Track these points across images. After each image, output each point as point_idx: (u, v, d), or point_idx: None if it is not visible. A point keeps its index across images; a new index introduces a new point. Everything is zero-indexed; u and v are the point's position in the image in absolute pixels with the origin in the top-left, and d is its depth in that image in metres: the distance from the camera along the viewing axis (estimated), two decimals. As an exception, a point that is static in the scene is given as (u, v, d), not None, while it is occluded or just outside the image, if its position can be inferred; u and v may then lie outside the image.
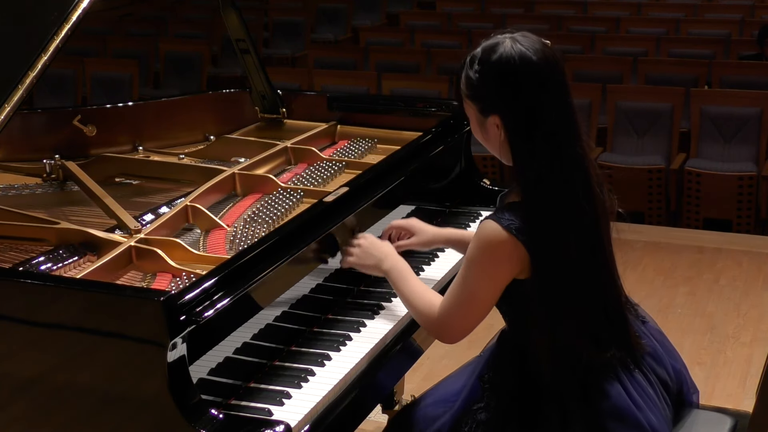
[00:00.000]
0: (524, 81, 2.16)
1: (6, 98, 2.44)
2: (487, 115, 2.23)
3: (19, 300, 2.13)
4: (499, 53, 2.17)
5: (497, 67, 2.17)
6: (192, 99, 3.74)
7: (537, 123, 2.17)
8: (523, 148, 2.20)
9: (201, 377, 2.11)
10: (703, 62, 8.02)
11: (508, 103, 2.18)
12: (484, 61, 2.20)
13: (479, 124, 2.27)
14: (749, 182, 6.49)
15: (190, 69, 9.17)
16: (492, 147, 2.29)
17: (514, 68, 2.16)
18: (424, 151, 3.15)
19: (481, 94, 2.22)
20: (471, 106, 2.27)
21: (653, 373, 2.36)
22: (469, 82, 2.24)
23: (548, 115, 2.17)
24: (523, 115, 2.18)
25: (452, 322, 2.32)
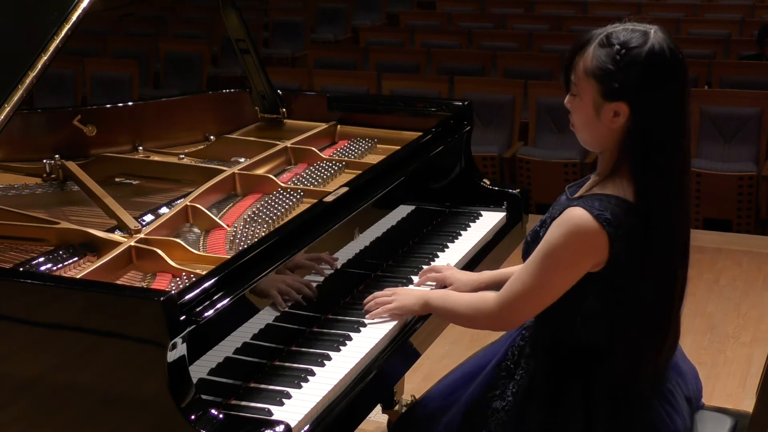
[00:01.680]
0: (670, 76, 2.14)
1: (6, 98, 2.44)
2: (612, 100, 2.14)
3: (19, 300, 2.13)
4: (651, 44, 2.14)
5: (647, 56, 2.12)
6: (192, 99, 3.74)
7: (662, 120, 2.14)
8: (639, 141, 2.14)
9: (201, 377, 2.11)
10: (703, 62, 8.01)
11: (646, 94, 2.13)
12: (631, 47, 2.14)
13: (595, 105, 2.17)
14: (749, 182, 6.49)
15: (190, 69, 9.17)
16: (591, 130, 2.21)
17: (664, 61, 2.13)
18: (424, 151, 3.15)
19: (618, 77, 2.13)
20: (592, 85, 2.16)
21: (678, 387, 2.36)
22: (601, 60, 2.14)
23: (674, 114, 2.15)
24: (653, 109, 2.13)
25: (519, 308, 2.27)
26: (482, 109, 7.12)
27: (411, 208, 3.08)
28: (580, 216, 2.14)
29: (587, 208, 2.15)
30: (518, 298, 2.26)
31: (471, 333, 4.63)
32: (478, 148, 3.37)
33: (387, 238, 2.91)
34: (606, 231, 2.13)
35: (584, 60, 2.18)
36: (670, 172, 2.16)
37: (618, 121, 2.16)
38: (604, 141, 2.21)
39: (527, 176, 6.84)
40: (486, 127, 7.15)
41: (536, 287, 2.23)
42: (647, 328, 2.23)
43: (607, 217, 2.13)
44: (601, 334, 2.24)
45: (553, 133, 7.13)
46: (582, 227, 2.14)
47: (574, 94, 2.22)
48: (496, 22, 10.31)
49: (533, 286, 2.23)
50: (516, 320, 2.34)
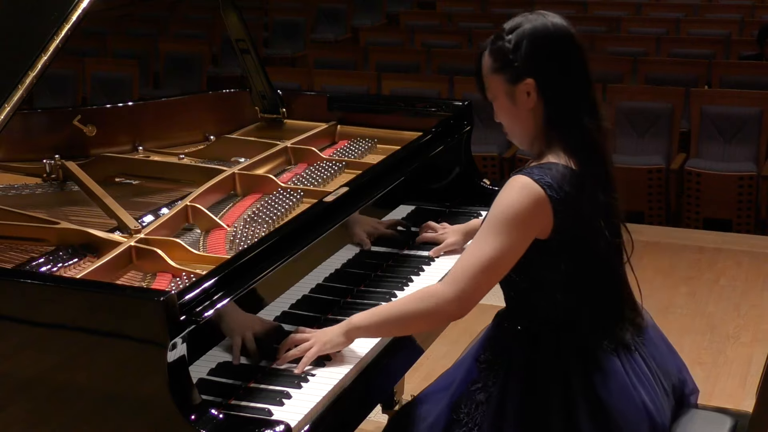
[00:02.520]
0: (559, 44, 2.29)
1: (6, 98, 2.44)
2: (519, 81, 2.27)
3: (19, 300, 2.13)
4: (533, 22, 2.29)
5: (533, 32, 2.28)
6: (192, 99, 3.74)
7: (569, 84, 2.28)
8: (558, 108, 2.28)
9: (201, 377, 2.11)
10: (703, 62, 8.02)
11: (543, 65, 2.27)
12: (518, 30, 2.28)
13: (507, 95, 2.30)
14: (749, 182, 6.49)
15: (190, 69, 9.16)
16: (515, 118, 2.33)
17: (549, 32, 2.28)
18: (424, 151, 3.15)
19: (514, 60, 2.27)
20: (498, 78, 2.31)
21: (653, 361, 2.40)
22: (499, 53, 2.29)
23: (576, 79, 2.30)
24: (557, 76, 2.27)
25: (476, 282, 2.24)
26: (482, 109, 7.08)
27: (411, 208, 3.08)
28: (522, 179, 2.23)
29: (527, 174, 2.23)
30: (474, 272, 2.23)
31: (470, 333, 4.62)
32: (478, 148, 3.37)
33: (387, 238, 2.91)
34: (548, 194, 2.20)
35: (485, 65, 2.33)
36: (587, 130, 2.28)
37: (532, 99, 2.28)
38: (531, 128, 2.32)
39: (527, 176, 6.83)
40: (486, 127, 7.12)
41: (489, 256, 2.23)
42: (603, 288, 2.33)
43: (548, 181, 2.21)
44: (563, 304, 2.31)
45: (553, 132, 7.12)
46: (525, 189, 2.22)
47: (492, 99, 2.35)
48: (496, 22, 10.20)
49: (486, 256, 2.23)
50: (474, 298, 2.26)
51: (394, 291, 2.70)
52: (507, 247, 2.23)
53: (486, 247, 2.23)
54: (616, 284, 2.37)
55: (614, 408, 2.27)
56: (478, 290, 2.26)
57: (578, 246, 2.27)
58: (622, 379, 2.30)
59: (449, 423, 2.42)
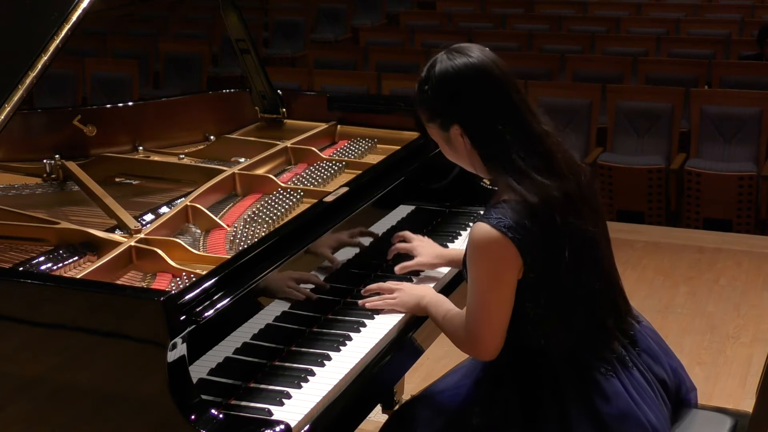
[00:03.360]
0: (464, 85, 2.26)
1: (6, 98, 2.44)
2: (448, 128, 2.30)
3: (19, 300, 2.13)
4: (437, 68, 2.29)
5: (439, 79, 2.28)
6: (192, 99, 3.74)
7: (490, 120, 2.25)
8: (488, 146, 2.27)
9: (201, 377, 2.11)
10: (703, 62, 8.02)
11: (459, 108, 2.27)
12: (427, 80, 2.30)
13: (445, 141, 2.34)
14: (749, 182, 6.49)
15: (190, 69, 9.17)
16: (463, 160, 2.35)
17: (451, 76, 2.27)
18: (424, 151, 3.15)
19: (435, 109, 2.31)
20: (432, 127, 2.35)
21: (650, 372, 2.38)
22: (422, 107, 2.34)
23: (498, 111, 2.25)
24: (475, 116, 2.27)
25: (481, 336, 2.29)
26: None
27: (411, 208, 3.08)
28: (481, 230, 2.21)
29: (485, 220, 2.21)
30: (475, 326, 2.29)
31: (471, 333, 4.64)
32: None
33: (387, 238, 2.91)
34: (509, 237, 2.18)
35: (421, 117, 2.37)
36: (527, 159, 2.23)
37: (466, 141, 2.29)
38: (477, 165, 2.32)
39: (527, 176, 6.82)
40: (486, 127, 7.15)
41: (481, 311, 2.27)
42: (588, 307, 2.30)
43: (507, 223, 2.18)
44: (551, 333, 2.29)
45: (552, 132, 7.12)
46: (487, 239, 2.20)
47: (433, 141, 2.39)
48: (496, 22, 10.30)
49: (478, 311, 2.27)
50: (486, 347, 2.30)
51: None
52: (496, 299, 2.25)
53: (475, 306, 2.28)
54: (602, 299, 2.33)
55: (617, 427, 2.25)
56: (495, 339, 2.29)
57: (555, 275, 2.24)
58: (625, 401, 2.27)
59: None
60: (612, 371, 2.29)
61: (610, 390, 2.27)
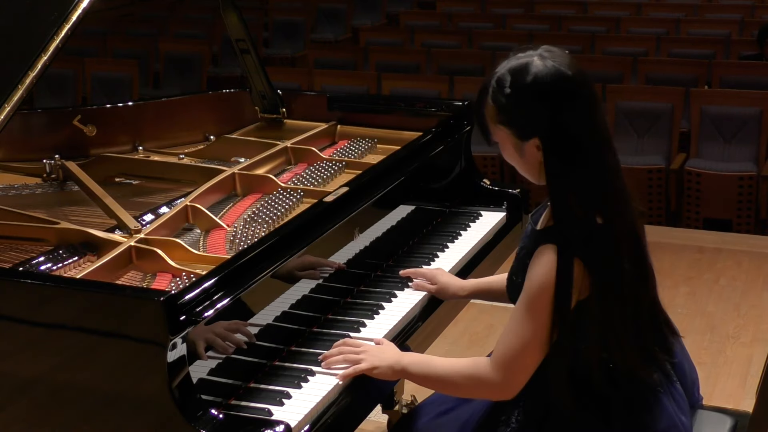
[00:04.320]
0: (561, 98, 2.10)
1: (6, 98, 2.45)
2: (527, 139, 2.13)
3: (19, 300, 2.13)
4: (533, 73, 2.10)
5: (533, 87, 2.10)
6: (192, 99, 3.74)
7: (576, 139, 2.11)
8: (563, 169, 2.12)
9: (201, 377, 2.11)
10: (703, 62, 8.02)
11: (548, 123, 2.10)
12: (517, 84, 2.11)
13: (515, 147, 2.17)
14: (749, 182, 6.49)
15: (190, 69, 9.17)
16: (528, 169, 2.20)
17: (550, 87, 2.09)
18: (424, 151, 3.15)
19: (518, 117, 2.13)
20: (504, 130, 2.16)
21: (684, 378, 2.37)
22: (501, 107, 2.14)
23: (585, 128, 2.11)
24: (563, 134, 2.10)
25: (521, 363, 2.16)
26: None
27: (411, 208, 3.08)
28: (549, 252, 2.11)
29: (552, 242, 2.11)
30: (517, 352, 2.16)
31: (470, 333, 4.63)
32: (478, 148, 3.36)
33: (387, 238, 2.91)
34: (578, 255, 2.09)
35: (487, 111, 2.17)
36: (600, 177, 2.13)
37: (541, 154, 2.13)
38: (540, 176, 2.18)
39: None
40: (486, 127, 7.15)
41: (531, 338, 2.14)
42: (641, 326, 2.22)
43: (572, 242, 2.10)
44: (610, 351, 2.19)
45: (552, 132, 7.12)
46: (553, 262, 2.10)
47: (498, 143, 2.21)
48: (496, 22, 10.30)
49: (528, 338, 2.14)
50: (521, 380, 2.18)
51: (395, 291, 2.70)
52: (547, 325, 2.14)
53: (526, 329, 2.13)
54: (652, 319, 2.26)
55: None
56: (525, 372, 2.18)
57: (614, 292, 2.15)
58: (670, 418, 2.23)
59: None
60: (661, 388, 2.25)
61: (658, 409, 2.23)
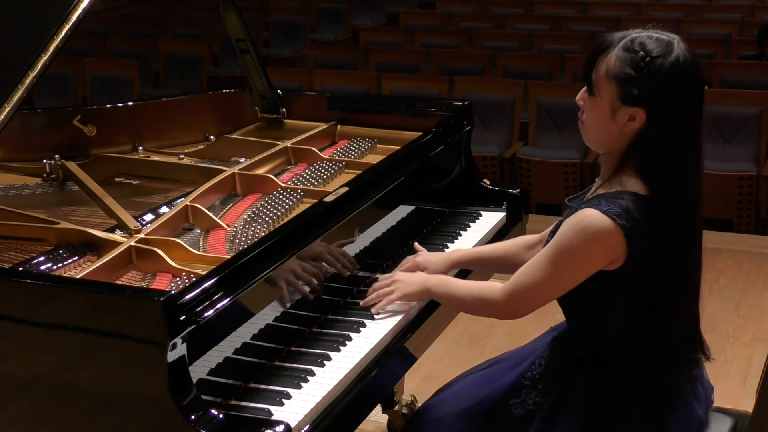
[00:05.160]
0: (690, 87, 2.17)
1: (6, 98, 2.44)
2: (630, 105, 2.16)
3: (19, 300, 2.13)
4: (675, 55, 2.15)
5: (671, 67, 2.14)
6: (192, 99, 3.74)
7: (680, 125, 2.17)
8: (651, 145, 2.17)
9: (201, 377, 2.11)
10: (703, 62, 7.97)
11: (665, 104, 2.15)
12: (655, 56, 2.14)
13: (611, 107, 2.18)
14: (749, 182, 6.49)
15: (190, 69, 9.17)
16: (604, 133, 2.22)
17: (687, 73, 2.16)
18: (424, 151, 3.15)
19: (639, 84, 2.15)
20: (612, 87, 2.17)
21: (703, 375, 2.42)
22: (628, 66, 2.15)
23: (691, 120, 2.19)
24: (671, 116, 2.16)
25: (528, 299, 2.30)
26: (482, 109, 7.12)
27: (411, 208, 3.08)
28: (591, 215, 2.16)
29: (596, 208, 2.16)
30: (528, 289, 2.29)
31: (470, 333, 4.63)
32: (478, 148, 3.37)
33: (387, 238, 2.91)
34: (619, 224, 2.13)
35: (607, 62, 2.18)
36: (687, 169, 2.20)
37: (632, 125, 2.18)
38: (614, 142, 2.22)
39: (527, 176, 6.84)
40: (486, 127, 7.15)
41: (546, 282, 2.25)
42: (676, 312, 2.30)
43: (617, 211, 2.14)
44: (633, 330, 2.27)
45: (553, 132, 7.13)
46: (593, 226, 2.15)
47: (593, 94, 2.22)
48: (496, 22, 10.30)
49: (543, 281, 2.25)
50: (523, 311, 2.34)
51: (394, 291, 2.69)
52: (562, 280, 2.24)
53: (543, 273, 2.25)
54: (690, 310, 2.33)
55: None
56: (528, 307, 2.33)
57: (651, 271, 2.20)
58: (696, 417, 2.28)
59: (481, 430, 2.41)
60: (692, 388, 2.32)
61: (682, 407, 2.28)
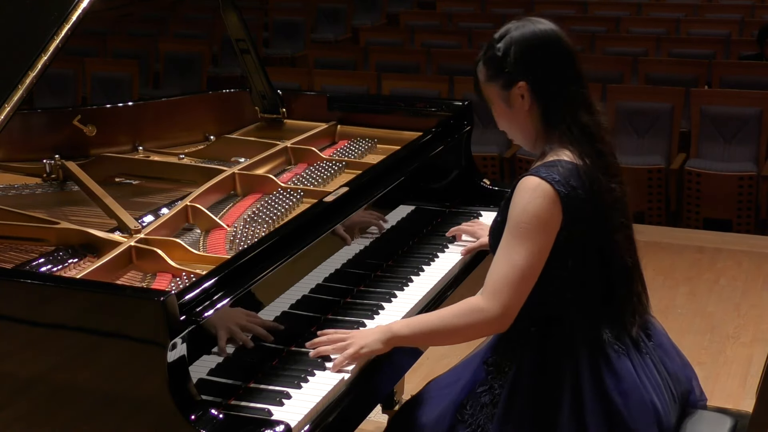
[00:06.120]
0: (547, 47, 2.34)
1: (6, 98, 2.44)
2: (512, 86, 2.33)
3: (19, 300, 2.13)
4: (521, 29, 2.35)
5: (521, 38, 2.34)
6: (192, 99, 3.74)
7: (560, 78, 2.33)
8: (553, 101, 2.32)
9: (201, 377, 2.11)
10: (703, 62, 8.01)
11: (531, 66, 2.32)
12: (506, 38, 2.35)
13: (503, 100, 2.36)
14: (749, 182, 6.49)
15: (190, 69, 9.16)
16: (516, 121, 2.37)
17: (536, 36, 2.34)
18: (424, 151, 3.15)
19: (503, 66, 2.33)
20: (492, 86, 2.37)
21: (663, 367, 2.41)
22: (491, 61, 2.36)
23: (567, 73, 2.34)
24: (547, 77, 2.32)
25: (514, 292, 2.26)
26: (482, 109, 7.09)
27: (411, 208, 3.08)
28: (531, 180, 2.26)
29: (534, 174, 2.26)
30: (512, 282, 2.26)
31: (471, 333, 4.63)
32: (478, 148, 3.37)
33: (387, 239, 2.91)
34: (556, 190, 2.23)
35: (480, 76, 2.40)
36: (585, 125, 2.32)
37: (527, 101, 2.33)
38: (530, 128, 2.37)
39: (527, 176, 6.82)
40: (486, 127, 7.13)
41: (522, 260, 2.26)
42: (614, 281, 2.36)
43: (555, 177, 2.24)
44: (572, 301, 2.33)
45: (553, 132, 7.12)
46: (537, 189, 2.25)
47: (491, 106, 2.42)
48: (496, 22, 10.24)
49: (520, 264, 2.26)
50: (517, 307, 2.28)
51: (394, 291, 2.70)
52: (536, 251, 2.26)
53: (516, 255, 2.26)
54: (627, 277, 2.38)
55: (624, 408, 2.28)
56: (520, 299, 2.29)
57: (587, 241, 2.30)
58: (632, 379, 2.31)
59: (453, 423, 2.42)
60: (625, 351, 2.33)
61: (621, 368, 2.31)
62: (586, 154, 2.29)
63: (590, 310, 2.34)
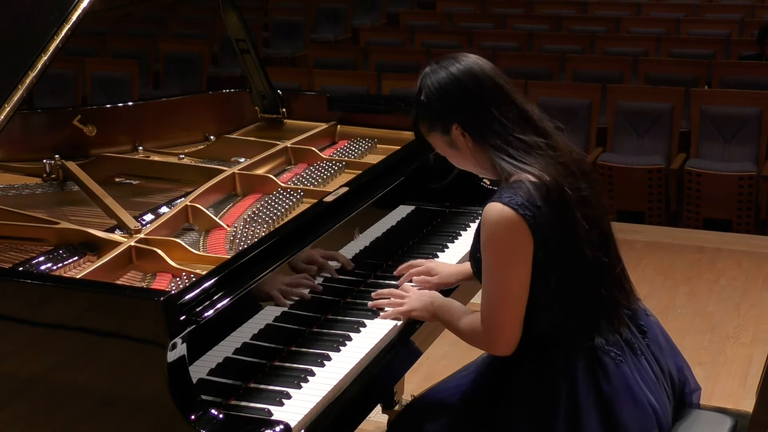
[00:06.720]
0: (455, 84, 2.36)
1: (6, 98, 2.44)
2: (449, 130, 2.36)
3: (19, 300, 2.13)
4: (429, 78, 2.40)
5: (431, 86, 2.38)
6: (192, 99, 3.74)
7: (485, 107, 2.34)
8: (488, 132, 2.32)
9: (201, 377, 2.11)
10: (703, 62, 8.01)
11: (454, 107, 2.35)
12: (420, 90, 2.40)
13: (449, 146, 2.39)
14: (749, 182, 6.49)
15: (190, 69, 9.16)
16: (469, 160, 2.39)
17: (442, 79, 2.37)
18: (424, 151, 3.15)
19: (433, 115, 2.38)
20: (434, 135, 2.41)
21: (657, 363, 2.41)
22: (422, 115, 2.40)
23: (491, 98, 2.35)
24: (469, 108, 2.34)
25: (500, 324, 2.29)
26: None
27: (411, 208, 3.08)
28: (495, 210, 2.24)
29: (497, 200, 2.25)
30: (494, 309, 2.29)
31: (471, 333, 4.63)
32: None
33: (387, 238, 2.91)
34: (520, 214, 2.21)
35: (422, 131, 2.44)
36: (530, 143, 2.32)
37: (468, 139, 2.35)
38: (483, 162, 2.36)
39: (527, 176, 6.83)
40: (486, 127, 7.16)
41: (502, 296, 2.27)
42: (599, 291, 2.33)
43: (518, 201, 2.22)
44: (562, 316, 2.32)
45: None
46: (501, 218, 2.23)
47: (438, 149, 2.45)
48: (496, 22, 10.30)
49: (499, 297, 2.28)
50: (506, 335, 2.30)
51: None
52: (518, 276, 2.26)
53: (501, 287, 2.27)
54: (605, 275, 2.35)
55: (622, 414, 2.28)
56: (517, 324, 2.30)
57: (564, 256, 2.27)
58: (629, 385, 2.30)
59: (453, 429, 2.42)
60: (621, 357, 2.32)
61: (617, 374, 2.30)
62: (543, 168, 2.27)
63: (580, 319, 2.33)
